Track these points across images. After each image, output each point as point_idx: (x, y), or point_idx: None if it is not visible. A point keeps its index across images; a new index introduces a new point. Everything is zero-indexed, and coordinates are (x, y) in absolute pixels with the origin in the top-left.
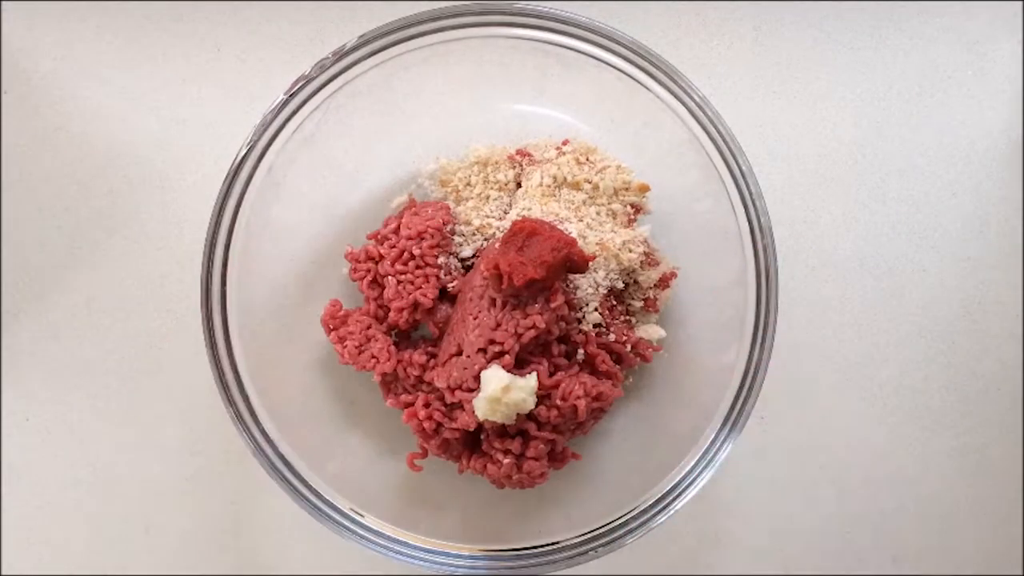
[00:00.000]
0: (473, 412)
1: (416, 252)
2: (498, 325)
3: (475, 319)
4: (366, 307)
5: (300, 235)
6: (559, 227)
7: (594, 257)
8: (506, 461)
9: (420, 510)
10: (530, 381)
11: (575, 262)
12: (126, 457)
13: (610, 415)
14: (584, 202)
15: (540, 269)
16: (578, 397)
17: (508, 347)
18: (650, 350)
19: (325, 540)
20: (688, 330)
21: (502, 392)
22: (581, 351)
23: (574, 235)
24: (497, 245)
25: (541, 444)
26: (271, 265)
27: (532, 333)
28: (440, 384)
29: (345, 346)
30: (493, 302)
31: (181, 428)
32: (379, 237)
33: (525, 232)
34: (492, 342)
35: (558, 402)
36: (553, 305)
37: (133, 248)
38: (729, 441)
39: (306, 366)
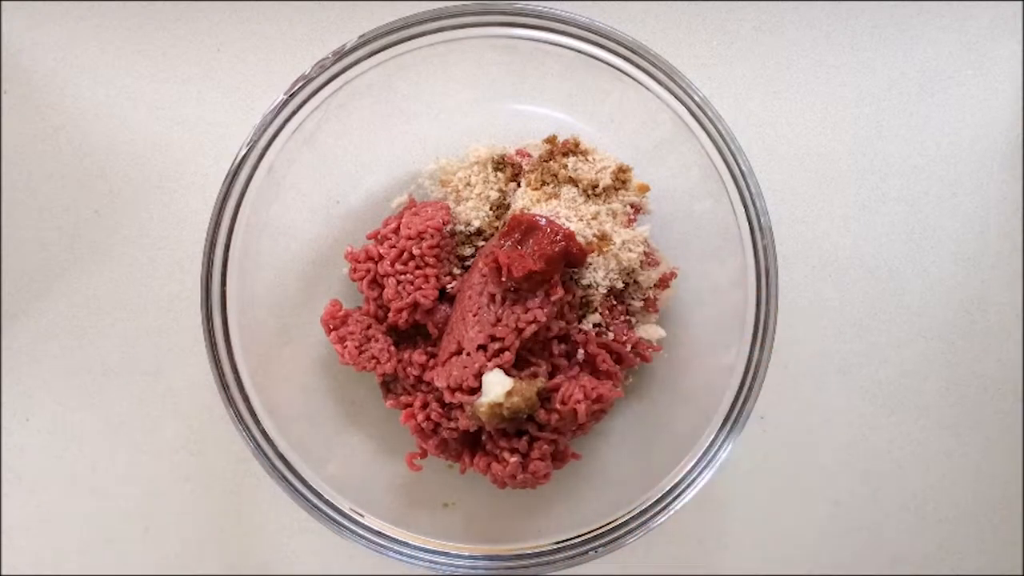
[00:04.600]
0: (474, 415)
1: (416, 252)
2: (498, 320)
3: (475, 316)
4: (366, 307)
5: (300, 235)
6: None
7: (592, 249)
8: (512, 460)
9: (420, 510)
10: (532, 388)
11: (573, 254)
12: (126, 457)
13: (610, 415)
14: (584, 202)
15: (539, 261)
16: (578, 401)
17: (509, 343)
18: (650, 350)
19: (325, 540)
20: (688, 330)
21: (504, 398)
22: (581, 351)
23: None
24: (495, 240)
25: (545, 445)
26: (271, 265)
27: (533, 328)
28: (440, 384)
29: (345, 346)
30: (492, 297)
31: (181, 428)
32: (379, 237)
33: (523, 225)
34: (492, 338)
35: (558, 406)
36: (553, 298)
37: (133, 248)
38: (729, 441)
39: (306, 366)
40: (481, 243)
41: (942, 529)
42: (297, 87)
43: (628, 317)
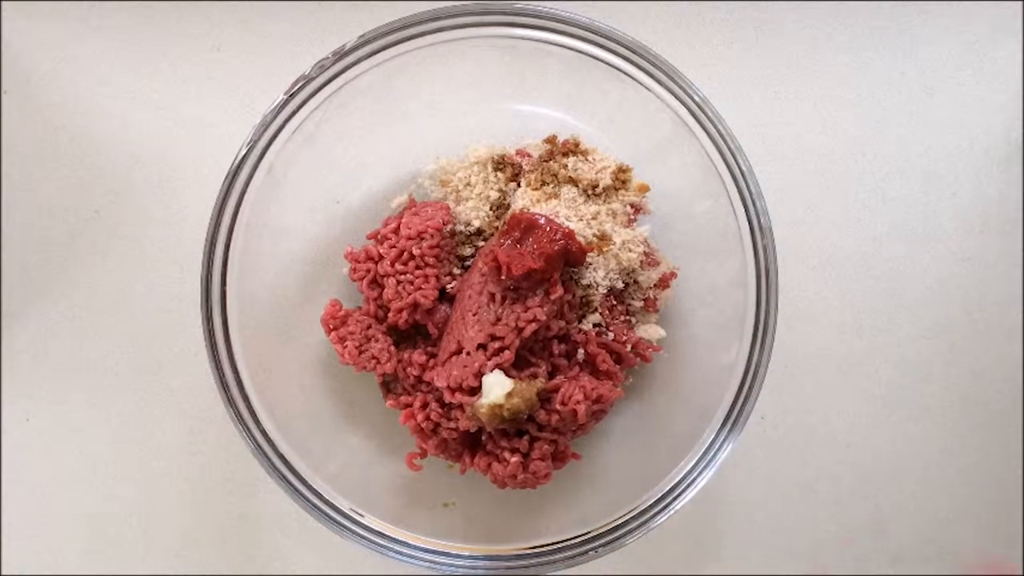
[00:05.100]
0: (474, 416)
1: (416, 252)
2: (498, 320)
3: (475, 315)
4: (366, 307)
5: (300, 235)
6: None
7: (592, 248)
8: (513, 460)
9: (420, 510)
10: (532, 388)
11: (573, 253)
12: (126, 457)
13: (610, 415)
14: (584, 202)
15: (538, 259)
16: (577, 402)
17: (508, 342)
18: (650, 350)
19: (325, 540)
20: (688, 330)
21: (505, 399)
22: (581, 351)
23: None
24: (495, 239)
25: (546, 445)
26: (271, 265)
27: (533, 327)
28: (440, 383)
29: (345, 346)
30: (492, 297)
31: (181, 428)
32: (379, 237)
33: (523, 224)
34: (492, 337)
35: (558, 406)
36: (553, 297)
37: (133, 248)
38: (729, 441)
39: (306, 366)
40: (481, 243)
41: (942, 529)
42: (297, 87)
43: (628, 317)
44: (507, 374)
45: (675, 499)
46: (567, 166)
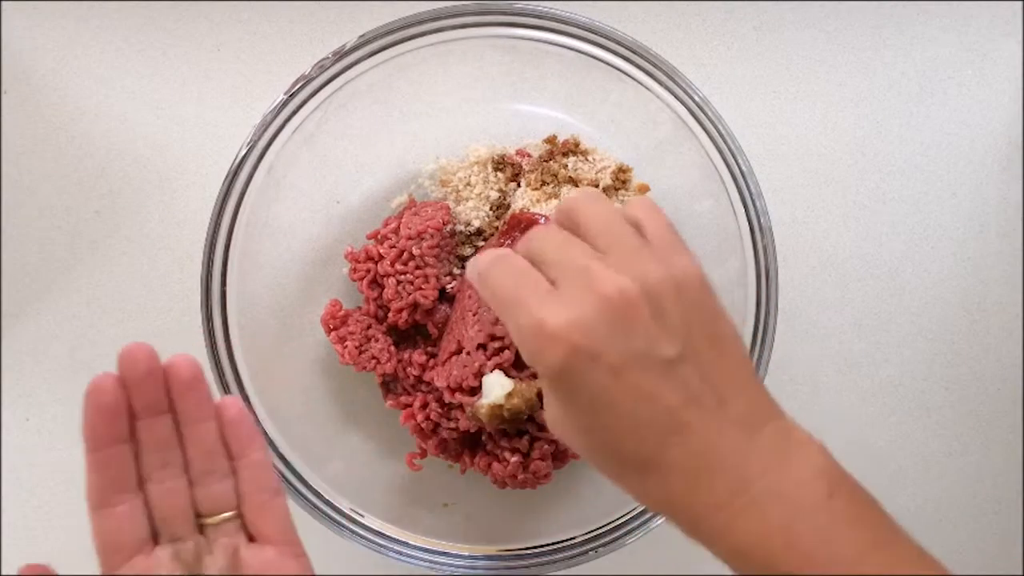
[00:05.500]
0: (474, 416)
1: (416, 252)
2: (498, 320)
3: (475, 315)
4: (366, 307)
5: (300, 235)
6: None
7: None
8: (513, 460)
9: (420, 510)
10: (532, 389)
11: None
12: None
13: None
14: None
15: None
16: None
17: (508, 342)
18: None
19: (325, 540)
20: None
21: (505, 399)
22: None
23: None
24: (495, 239)
25: (546, 444)
26: (271, 265)
27: None
28: (440, 383)
29: (345, 346)
30: None
31: None
32: (379, 237)
33: (523, 224)
34: (492, 337)
35: None
36: None
37: (133, 248)
38: None
39: (306, 366)
40: (481, 243)
41: (942, 529)
42: (297, 87)
43: None
44: (507, 374)
45: None
46: (567, 166)
